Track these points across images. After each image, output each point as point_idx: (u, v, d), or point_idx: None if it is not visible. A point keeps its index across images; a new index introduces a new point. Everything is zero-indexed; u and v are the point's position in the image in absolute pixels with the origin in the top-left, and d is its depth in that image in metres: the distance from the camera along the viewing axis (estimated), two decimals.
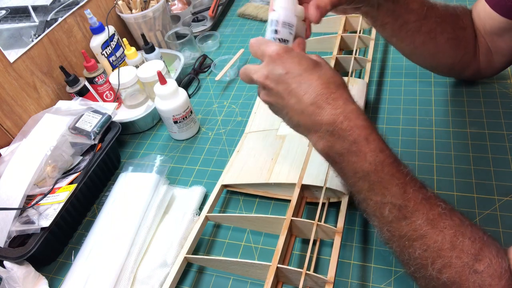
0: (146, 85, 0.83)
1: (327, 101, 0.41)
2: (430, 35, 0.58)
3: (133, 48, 0.88)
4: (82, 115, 0.72)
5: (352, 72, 0.74)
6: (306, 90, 0.41)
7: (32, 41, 0.80)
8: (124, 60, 0.92)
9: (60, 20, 0.86)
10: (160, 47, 1.03)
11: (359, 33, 0.81)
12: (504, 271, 0.35)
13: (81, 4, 0.91)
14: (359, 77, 0.78)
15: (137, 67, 0.86)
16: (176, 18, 1.14)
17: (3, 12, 0.76)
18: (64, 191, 0.63)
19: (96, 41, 0.88)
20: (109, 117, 0.73)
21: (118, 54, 0.92)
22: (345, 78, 0.72)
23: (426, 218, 0.38)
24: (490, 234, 0.38)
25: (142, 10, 0.97)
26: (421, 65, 0.69)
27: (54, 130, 0.68)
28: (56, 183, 0.65)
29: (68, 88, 0.83)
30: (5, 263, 0.58)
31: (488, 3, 0.58)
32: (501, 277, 0.35)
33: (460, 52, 0.62)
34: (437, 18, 0.58)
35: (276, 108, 0.46)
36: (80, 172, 0.67)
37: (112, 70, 0.91)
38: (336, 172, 0.45)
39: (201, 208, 0.63)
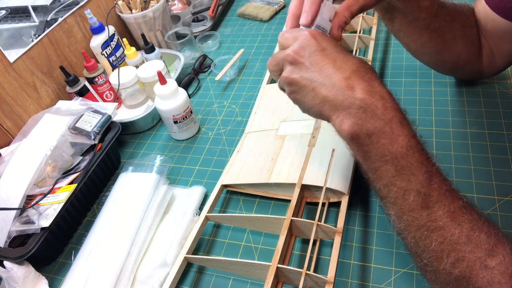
0: (146, 85, 0.83)
1: (364, 78, 0.40)
2: (438, 33, 0.58)
3: (133, 48, 0.88)
4: (82, 115, 0.72)
5: None
6: (341, 66, 0.41)
7: (32, 41, 0.80)
8: (124, 60, 0.92)
9: (60, 20, 0.86)
10: (160, 47, 1.03)
11: (359, 33, 0.81)
12: None
13: (81, 4, 0.91)
14: None
15: (137, 67, 0.86)
16: (176, 18, 1.14)
17: (3, 12, 0.76)
18: (64, 191, 0.63)
19: (96, 41, 0.88)
20: (109, 117, 0.73)
21: (118, 54, 0.92)
22: None
23: (448, 210, 0.37)
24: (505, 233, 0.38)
25: (142, 10, 0.97)
26: (425, 62, 0.68)
27: (54, 130, 0.68)
28: (56, 183, 0.65)
29: (68, 88, 0.83)
30: (5, 263, 0.58)
31: (488, 4, 0.58)
32: None
33: (466, 50, 0.62)
34: (446, 16, 0.58)
35: (300, 85, 0.43)
36: (80, 172, 0.67)
37: (112, 70, 0.91)
38: (357, 157, 0.43)
39: (201, 208, 0.63)
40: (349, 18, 0.46)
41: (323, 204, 0.57)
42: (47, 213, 0.60)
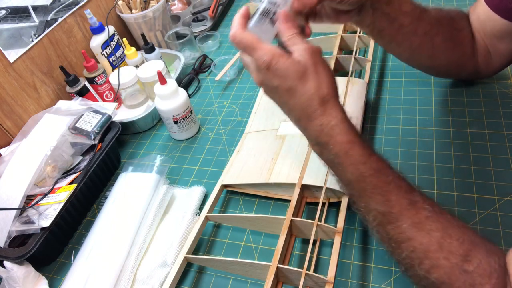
0: (146, 85, 0.83)
1: (310, 118, 0.43)
2: (427, 37, 0.59)
3: (133, 48, 0.88)
4: (82, 115, 0.72)
5: (352, 72, 0.74)
6: (293, 106, 0.44)
7: (32, 41, 0.80)
8: (124, 60, 0.92)
9: (60, 20, 0.86)
10: (160, 47, 1.03)
11: (359, 33, 0.81)
12: (494, 270, 0.36)
13: (81, 4, 0.91)
14: (359, 77, 0.78)
15: (137, 67, 0.86)
16: (176, 18, 1.14)
17: (3, 12, 0.76)
18: (64, 191, 0.63)
19: (96, 41, 0.88)
20: (109, 117, 0.73)
21: (118, 54, 0.92)
22: (345, 78, 0.72)
23: (412, 222, 0.39)
24: (481, 233, 0.39)
25: (142, 10, 0.97)
26: (419, 68, 0.69)
27: (54, 130, 0.68)
28: (56, 183, 0.65)
29: (68, 88, 0.83)
30: (5, 263, 0.58)
31: (489, 5, 0.58)
32: (491, 276, 0.35)
33: (456, 53, 0.62)
34: (431, 19, 0.58)
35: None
36: (80, 172, 0.67)
37: (112, 70, 0.91)
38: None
39: (201, 208, 0.63)
40: None
41: (323, 204, 0.57)
42: (47, 213, 0.60)
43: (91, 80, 0.85)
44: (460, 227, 0.39)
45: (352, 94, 0.69)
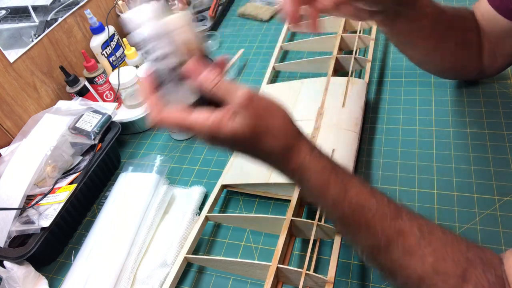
0: None
1: (279, 167, 0.41)
2: (441, 40, 0.58)
3: (133, 48, 0.88)
4: (82, 115, 0.72)
5: (352, 72, 0.74)
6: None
7: (32, 41, 0.80)
8: (124, 60, 0.92)
9: (60, 20, 0.86)
10: None
11: (359, 33, 0.81)
12: (492, 284, 0.35)
13: (81, 4, 0.91)
14: (359, 77, 0.78)
15: (137, 67, 0.86)
16: None
17: (3, 12, 0.76)
18: (64, 191, 0.63)
19: (96, 41, 0.88)
20: (109, 117, 0.73)
21: (118, 54, 0.92)
22: (345, 78, 0.72)
23: (402, 250, 0.37)
24: (474, 243, 0.38)
25: None
26: (430, 71, 0.69)
27: (54, 130, 0.68)
28: (56, 183, 0.65)
29: (68, 88, 0.83)
30: (5, 263, 0.58)
31: (491, 4, 0.58)
32: None
33: (466, 54, 0.62)
34: (446, 22, 0.58)
35: None
36: (80, 172, 0.67)
37: (112, 70, 0.91)
38: None
39: (201, 208, 0.63)
40: None
41: None
42: (47, 213, 0.60)
43: (91, 80, 0.85)
44: (452, 244, 0.37)
45: (352, 94, 0.69)
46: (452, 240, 0.38)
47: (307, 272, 0.47)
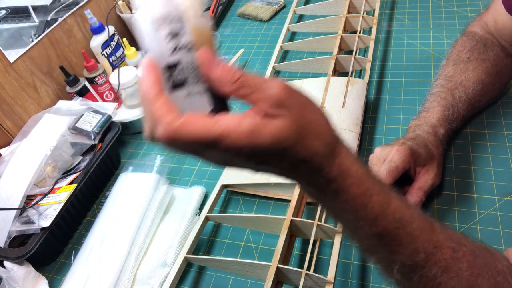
0: None
1: (315, 174, 0.32)
2: (499, 76, 0.64)
3: (133, 48, 0.88)
4: (82, 115, 0.72)
5: (352, 72, 0.74)
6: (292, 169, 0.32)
7: (32, 41, 0.80)
8: (124, 60, 0.92)
9: (60, 20, 0.86)
10: None
11: (359, 33, 0.81)
12: None
13: (81, 4, 0.91)
14: (359, 77, 0.78)
15: (137, 67, 0.86)
16: None
17: (3, 12, 0.76)
18: (64, 191, 0.63)
19: (96, 41, 0.88)
20: (109, 117, 0.73)
21: (118, 54, 0.92)
22: (345, 78, 0.72)
23: (439, 266, 0.34)
24: (486, 246, 0.37)
25: None
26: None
27: (54, 130, 0.68)
28: (56, 183, 0.65)
29: (68, 88, 0.83)
30: (5, 263, 0.58)
31: (505, 6, 0.59)
32: None
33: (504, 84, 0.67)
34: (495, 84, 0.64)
35: None
36: (80, 172, 0.67)
37: (112, 70, 0.91)
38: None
39: (201, 208, 0.63)
40: (423, 197, 0.53)
41: None
42: (47, 213, 0.60)
43: (91, 80, 0.85)
44: (482, 256, 0.35)
45: (352, 94, 0.69)
46: (480, 250, 0.36)
47: (307, 272, 0.47)
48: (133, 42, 1.03)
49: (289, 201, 0.58)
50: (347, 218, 0.34)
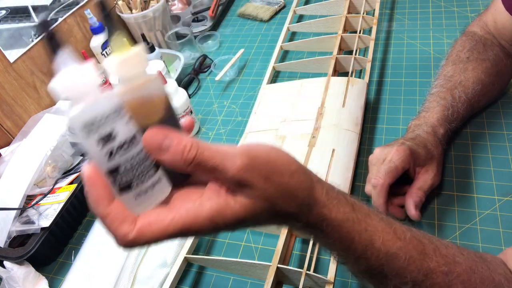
0: None
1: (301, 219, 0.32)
2: (499, 77, 0.65)
3: None
4: None
5: (352, 72, 0.74)
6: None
7: (32, 41, 0.80)
8: None
9: (60, 20, 0.86)
10: (160, 47, 1.03)
11: (359, 33, 0.81)
12: None
13: (81, 4, 0.91)
14: (359, 77, 0.78)
15: None
16: (176, 18, 1.14)
17: (3, 12, 0.76)
18: (64, 191, 0.63)
19: (96, 41, 0.88)
20: None
21: None
22: (345, 78, 0.72)
23: (443, 279, 0.34)
24: (481, 254, 0.37)
25: (142, 10, 0.97)
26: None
27: (54, 130, 0.68)
28: (56, 183, 0.65)
29: None
30: (5, 263, 0.58)
31: (509, 11, 0.59)
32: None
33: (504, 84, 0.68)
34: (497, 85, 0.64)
35: None
36: (80, 172, 0.67)
37: None
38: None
39: None
40: (423, 197, 0.53)
41: None
42: (47, 213, 0.60)
43: None
44: (479, 271, 0.35)
45: (352, 94, 0.69)
46: (476, 263, 0.36)
47: (307, 272, 0.47)
48: (133, 42, 1.03)
49: None
50: (334, 253, 0.34)
